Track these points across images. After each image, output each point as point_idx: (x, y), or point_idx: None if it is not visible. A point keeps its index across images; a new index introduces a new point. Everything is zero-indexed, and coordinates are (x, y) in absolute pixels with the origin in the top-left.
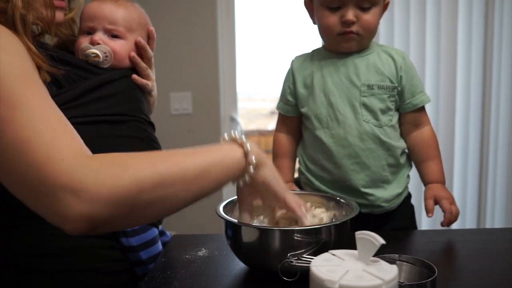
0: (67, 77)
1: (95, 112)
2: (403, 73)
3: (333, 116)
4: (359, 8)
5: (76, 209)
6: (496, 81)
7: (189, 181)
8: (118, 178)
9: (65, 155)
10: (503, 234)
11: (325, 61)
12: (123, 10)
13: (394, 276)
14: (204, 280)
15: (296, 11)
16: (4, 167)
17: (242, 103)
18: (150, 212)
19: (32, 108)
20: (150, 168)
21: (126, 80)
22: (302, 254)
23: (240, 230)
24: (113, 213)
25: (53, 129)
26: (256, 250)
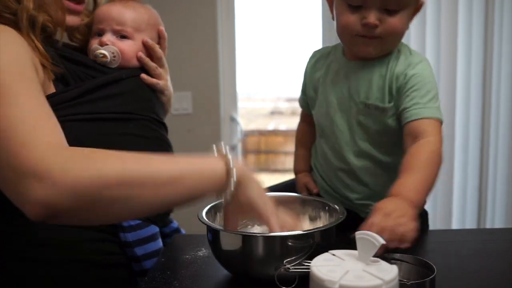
0: (74, 76)
1: (100, 110)
2: (401, 84)
3: (331, 130)
4: (384, 10)
5: (37, 194)
6: (496, 81)
7: (159, 185)
8: (84, 170)
9: (40, 143)
10: (503, 234)
11: (335, 66)
12: (131, 11)
13: (394, 276)
14: (204, 280)
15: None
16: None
17: (242, 103)
18: (113, 210)
19: (17, 100)
20: (119, 165)
21: (134, 79)
22: (297, 260)
23: (219, 235)
24: (74, 204)
25: (35, 120)
26: (236, 257)
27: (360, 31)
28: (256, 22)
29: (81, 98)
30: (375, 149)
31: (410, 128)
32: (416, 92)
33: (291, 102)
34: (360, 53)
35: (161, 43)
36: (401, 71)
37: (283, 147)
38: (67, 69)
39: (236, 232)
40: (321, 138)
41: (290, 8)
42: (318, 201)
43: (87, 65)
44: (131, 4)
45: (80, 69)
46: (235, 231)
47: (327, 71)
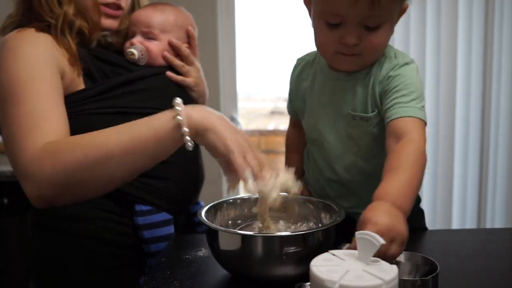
0: (102, 73)
1: (123, 104)
2: (380, 87)
3: (320, 142)
4: (363, 27)
5: (30, 191)
6: (496, 81)
7: (118, 159)
8: (51, 166)
9: (28, 147)
10: (503, 234)
11: (320, 78)
12: (158, 14)
13: (394, 276)
14: (204, 280)
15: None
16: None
17: (242, 103)
18: (90, 188)
19: (24, 100)
20: (79, 152)
21: (161, 77)
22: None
23: (218, 235)
24: (56, 192)
25: (32, 123)
26: (235, 257)
27: (339, 49)
28: (256, 22)
29: (106, 94)
30: (365, 162)
31: (392, 127)
32: (398, 92)
33: None
34: (340, 68)
35: (191, 42)
36: (384, 75)
37: (283, 147)
38: (96, 67)
39: (236, 232)
40: (312, 147)
41: (290, 8)
42: (318, 201)
43: (115, 64)
44: (161, 7)
45: (109, 67)
46: (235, 231)
47: (313, 82)
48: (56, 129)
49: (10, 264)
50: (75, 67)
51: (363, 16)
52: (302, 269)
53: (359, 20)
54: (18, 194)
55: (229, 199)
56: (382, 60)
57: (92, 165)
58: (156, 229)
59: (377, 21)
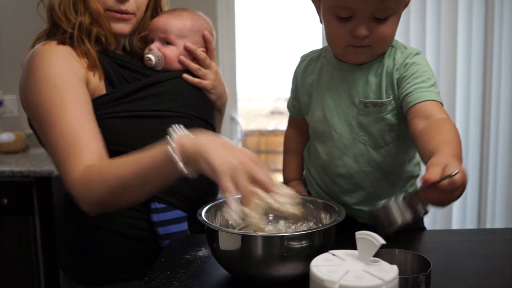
0: (121, 78)
1: (139, 108)
2: (398, 74)
3: (328, 134)
4: (373, 19)
5: (81, 206)
6: (496, 80)
7: (133, 186)
8: (88, 194)
9: (69, 172)
10: (503, 234)
11: (328, 69)
12: (175, 20)
13: (394, 276)
14: (204, 280)
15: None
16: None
17: (242, 103)
18: (121, 205)
19: (61, 128)
20: (103, 184)
21: (174, 81)
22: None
23: (218, 235)
24: (98, 210)
25: (69, 146)
26: (235, 257)
27: (350, 42)
28: (256, 22)
29: (125, 99)
30: (374, 151)
31: (417, 110)
32: (418, 78)
33: None
34: (351, 61)
35: (208, 46)
36: (400, 63)
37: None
38: (115, 72)
39: (236, 232)
40: (316, 143)
41: (290, 8)
42: (318, 201)
43: (134, 69)
44: (178, 13)
45: (128, 72)
46: (235, 231)
47: (319, 74)
48: (90, 148)
49: (9, 264)
50: (96, 71)
51: (373, 9)
52: (302, 269)
53: (369, 13)
54: (18, 194)
55: None
56: (393, 50)
57: (116, 192)
58: (170, 226)
59: (386, 13)
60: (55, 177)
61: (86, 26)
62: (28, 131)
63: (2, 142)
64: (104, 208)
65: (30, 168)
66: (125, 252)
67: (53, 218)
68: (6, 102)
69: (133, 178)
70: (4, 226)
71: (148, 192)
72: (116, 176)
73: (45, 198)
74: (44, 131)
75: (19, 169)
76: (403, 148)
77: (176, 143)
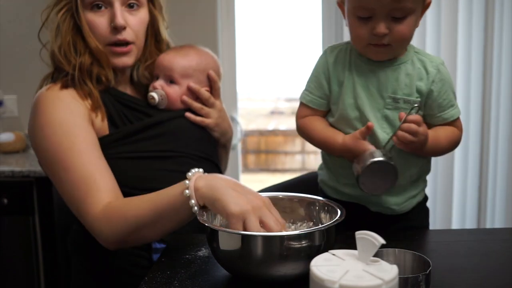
0: (123, 117)
1: (140, 149)
2: (434, 87)
3: (359, 120)
4: (391, 18)
5: (101, 242)
6: (496, 80)
7: (149, 226)
8: (108, 231)
9: (88, 213)
10: (503, 234)
11: (358, 61)
12: (180, 59)
13: (394, 276)
14: (204, 280)
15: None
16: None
17: (242, 103)
18: (140, 241)
19: (75, 171)
20: (121, 223)
21: (177, 121)
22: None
23: (218, 235)
24: (118, 246)
25: (85, 188)
26: (235, 257)
27: (371, 40)
28: (256, 22)
29: (127, 139)
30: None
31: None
32: (447, 93)
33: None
34: (373, 58)
35: (212, 85)
36: (433, 76)
37: (283, 147)
38: (117, 111)
39: (236, 232)
40: (346, 128)
41: (290, 9)
42: (318, 201)
43: (136, 109)
44: (184, 51)
45: (131, 112)
46: (234, 231)
47: (350, 65)
48: (104, 186)
49: (9, 264)
50: (99, 111)
51: (389, 8)
52: (302, 269)
53: (387, 12)
54: (18, 194)
55: None
56: (421, 57)
57: (133, 231)
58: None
59: (403, 12)
60: None
61: (87, 66)
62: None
63: (2, 142)
64: (124, 244)
65: (30, 168)
66: (127, 283)
67: (53, 218)
68: (6, 102)
69: (151, 216)
70: (4, 226)
71: (165, 230)
72: (134, 215)
73: (45, 198)
74: (57, 174)
75: (19, 169)
76: None
77: (192, 187)
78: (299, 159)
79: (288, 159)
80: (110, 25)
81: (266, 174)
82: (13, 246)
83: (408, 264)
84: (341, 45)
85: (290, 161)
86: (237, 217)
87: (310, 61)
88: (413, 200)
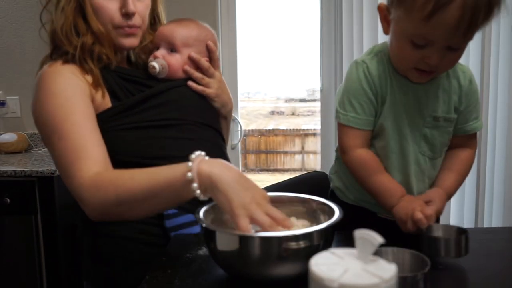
0: (126, 91)
1: (144, 119)
2: (463, 99)
3: (397, 141)
4: (446, 48)
5: (84, 209)
6: (494, 79)
7: (141, 202)
8: (95, 199)
9: (76, 177)
10: (501, 233)
11: (397, 76)
12: (181, 29)
13: (393, 275)
14: (205, 279)
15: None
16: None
17: (242, 103)
18: (125, 216)
19: (67, 134)
20: (111, 193)
21: (178, 90)
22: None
23: (215, 236)
24: (102, 217)
25: (76, 155)
26: (233, 258)
27: (418, 65)
28: (256, 23)
29: (128, 111)
30: (429, 162)
31: (462, 140)
32: (474, 105)
33: (290, 102)
34: (413, 80)
35: (211, 56)
36: (466, 89)
37: (283, 147)
38: (119, 86)
39: (233, 232)
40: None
41: (290, 9)
42: (317, 201)
43: (137, 81)
44: (184, 22)
45: (132, 85)
46: (232, 231)
47: (391, 81)
48: (95, 156)
49: (12, 263)
50: (99, 89)
51: (451, 41)
52: (301, 269)
53: (446, 44)
54: (21, 193)
55: None
56: (456, 67)
57: (123, 204)
58: (182, 230)
59: (461, 42)
60: (57, 176)
61: (89, 46)
62: (30, 131)
63: (5, 142)
64: (109, 216)
65: (32, 168)
66: (142, 260)
67: (55, 218)
68: (9, 102)
69: (144, 193)
70: (6, 226)
71: (154, 209)
72: (128, 188)
73: (48, 197)
74: (52, 144)
75: (21, 168)
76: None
77: (195, 170)
78: (299, 159)
79: (288, 159)
80: (121, 11)
81: (266, 174)
82: (15, 246)
83: (407, 263)
84: (377, 58)
85: (290, 161)
86: (243, 215)
87: (310, 61)
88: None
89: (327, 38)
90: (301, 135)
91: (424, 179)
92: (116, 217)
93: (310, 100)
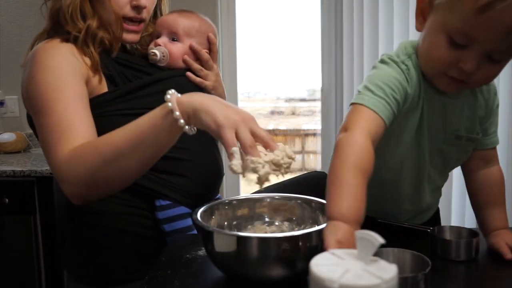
0: (123, 77)
1: (140, 106)
2: (486, 115)
3: (408, 153)
4: (486, 57)
5: (66, 191)
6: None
7: (128, 154)
8: (76, 169)
9: (58, 153)
10: None
11: (427, 87)
12: (183, 19)
13: (393, 275)
14: (204, 279)
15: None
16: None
17: (242, 103)
18: (113, 183)
19: (54, 110)
20: (94, 154)
21: (177, 79)
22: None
23: (212, 236)
24: (85, 191)
25: (60, 131)
26: (230, 259)
27: (450, 71)
28: (256, 22)
29: (125, 97)
30: (438, 175)
31: (484, 154)
32: (495, 119)
33: (291, 102)
34: (440, 88)
35: (211, 48)
36: (491, 104)
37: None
38: (118, 72)
39: (231, 233)
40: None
41: (290, 9)
42: (315, 202)
43: (136, 68)
44: (186, 13)
45: (131, 72)
46: (230, 232)
47: (420, 91)
48: (81, 134)
49: (11, 263)
50: (97, 73)
51: (496, 48)
52: (300, 269)
53: (488, 49)
54: (19, 193)
55: (225, 200)
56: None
57: (109, 163)
58: (175, 222)
59: (506, 54)
60: None
61: (93, 30)
62: (29, 131)
63: (4, 142)
64: (90, 190)
65: (31, 168)
66: (130, 251)
67: (54, 218)
68: (8, 102)
69: (129, 144)
70: (5, 226)
71: (143, 161)
72: (111, 144)
73: (46, 197)
74: (39, 120)
75: (20, 168)
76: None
77: (174, 100)
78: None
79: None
80: (131, 3)
81: None
82: (14, 246)
83: (407, 264)
84: (409, 58)
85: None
86: (230, 127)
87: (310, 61)
88: (429, 212)
89: (327, 38)
90: (301, 135)
91: (432, 188)
92: (104, 186)
93: (310, 100)
